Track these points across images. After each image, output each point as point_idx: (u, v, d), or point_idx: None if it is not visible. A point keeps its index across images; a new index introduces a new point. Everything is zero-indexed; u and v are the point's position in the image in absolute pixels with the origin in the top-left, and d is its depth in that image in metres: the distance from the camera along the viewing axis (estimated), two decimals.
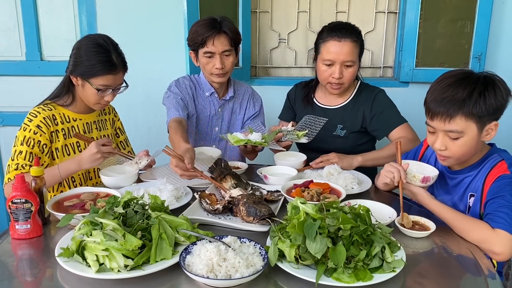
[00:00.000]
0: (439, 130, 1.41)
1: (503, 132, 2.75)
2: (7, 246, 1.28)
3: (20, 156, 1.69)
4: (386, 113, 2.04)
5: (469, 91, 1.35)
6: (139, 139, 2.43)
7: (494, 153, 1.48)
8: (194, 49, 2.07)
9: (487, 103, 1.34)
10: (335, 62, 1.96)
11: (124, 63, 1.78)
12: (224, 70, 2.04)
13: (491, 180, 1.41)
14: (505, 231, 1.27)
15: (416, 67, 2.77)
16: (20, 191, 1.29)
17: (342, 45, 1.94)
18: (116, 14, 2.76)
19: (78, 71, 1.71)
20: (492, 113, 1.37)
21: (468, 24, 2.68)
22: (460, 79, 1.39)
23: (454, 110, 1.35)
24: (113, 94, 1.79)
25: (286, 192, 1.57)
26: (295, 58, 3.05)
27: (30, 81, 2.86)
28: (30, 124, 1.72)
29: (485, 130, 1.40)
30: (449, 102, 1.36)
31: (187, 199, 1.55)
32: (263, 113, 2.32)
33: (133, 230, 1.12)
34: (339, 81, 1.99)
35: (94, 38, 1.75)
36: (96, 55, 1.68)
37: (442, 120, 1.38)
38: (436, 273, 1.15)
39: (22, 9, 2.78)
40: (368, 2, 2.93)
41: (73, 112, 1.83)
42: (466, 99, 1.34)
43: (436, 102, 1.39)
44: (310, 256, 1.06)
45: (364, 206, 1.18)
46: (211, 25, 1.98)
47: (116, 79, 1.75)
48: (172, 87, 2.12)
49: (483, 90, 1.35)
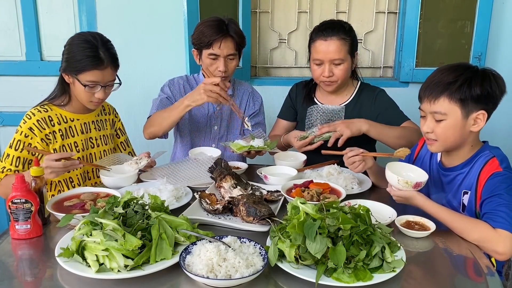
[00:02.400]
0: (427, 112, 1.48)
1: (503, 132, 2.77)
2: (7, 246, 1.28)
3: (7, 159, 1.71)
4: (390, 111, 2.05)
5: (456, 75, 1.42)
6: (139, 139, 2.42)
7: (486, 150, 1.49)
8: (198, 48, 2.06)
9: (471, 89, 1.39)
10: (323, 61, 1.99)
11: (113, 59, 1.75)
12: (226, 73, 2.05)
13: (485, 178, 1.42)
14: (507, 231, 1.27)
15: (416, 67, 2.77)
16: (20, 191, 1.29)
17: (328, 44, 1.96)
18: (116, 14, 2.76)
19: (68, 68, 1.71)
20: (476, 100, 1.40)
21: (468, 24, 2.68)
22: (453, 67, 1.47)
23: (439, 92, 1.43)
24: (104, 91, 1.75)
25: (286, 192, 1.57)
26: (295, 58, 3.05)
27: (30, 81, 2.86)
28: (24, 126, 1.72)
29: (471, 118, 1.42)
30: (436, 84, 1.44)
31: (187, 199, 1.55)
32: (263, 112, 2.31)
33: (133, 230, 1.12)
34: (330, 79, 2.01)
35: (83, 34, 1.75)
36: (83, 51, 1.67)
37: (428, 101, 1.45)
38: (436, 273, 1.15)
39: (22, 9, 2.78)
40: (368, 2, 2.93)
41: (70, 112, 1.83)
42: (452, 82, 1.41)
43: (426, 85, 1.48)
44: (310, 256, 1.06)
45: (364, 206, 1.18)
46: (219, 28, 1.98)
47: (104, 75, 1.72)
48: (164, 87, 2.15)
49: (471, 77, 1.41)
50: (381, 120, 2.04)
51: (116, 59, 1.77)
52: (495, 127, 2.37)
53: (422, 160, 1.71)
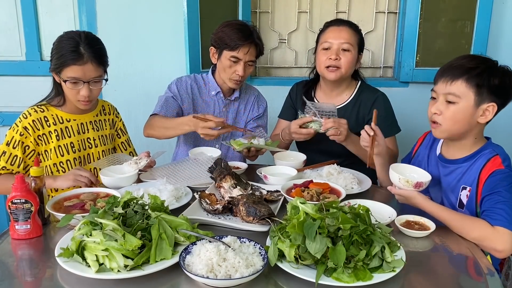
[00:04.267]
0: (440, 93, 1.48)
1: (503, 131, 2.76)
2: (7, 246, 1.28)
3: (4, 157, 1.72)
4: (381, 120, 2.04)
5: (478, 63, 1.44)
6: (139, 139, 2.43)
7: (489, 147, 1.50)
8: (218, 48, 2.06)
9: (491, 78, 1.41)
10: (332, 44, 2.02)
11: (96, 55, 1.70)
12: (243, 78, 2.07)
13: (486, 175, 1.42)
14: (505, 228, 1.28)
15: (416, 67, 2.77)
16: (20, 191, 1.29)
17: (340, 30, 2.03)
18: (116, 14, 2.76)
19: (53, 66, 1.71)
20: (492, 91, 1.42)
21: (468, 24, 2.68)
22: (475, 56, 1.51)
23: (458, 74, 1.44)
24: (88, 88, 1.71)
25: (286, 192, 1.56)
26: (295, 58, 3.05)
27: (30, 81, 2.86)
28: (19, 125, 1.73)
29: (481, 109, 1.44)
30: (456, 67, 1.45)
31: (187, 199, 1.55)
32: (266, 116, 2.32)
33: (133, 230, 1.12)
34: (335, 63, 2.01)
35: (69, 32, 1.74)
36: (65, 47, 1.67)
37: (445, 82, 1.46)
38: (435, 273, 1.15)
39: (22, 9, 2.78)
40: (368, 2, 2.93)
41: (66, 113, 1.82)
42: (473, 68, 1.43)
43: (444, 68, 1.49)
44: (310, 256, 1.06)
45: (364, 206, 1.18)
46: (247, 33, 1.99)
47: (85, 71, 1.68)
48: (171, 85, 2.15)
49: (492, 67, 1.44)
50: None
51: (101, 55, 1.74)
52: (495, 126, 2.36)
53: (420, 157, 1.71)
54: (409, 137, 2.31)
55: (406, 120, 2.45)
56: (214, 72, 2.18)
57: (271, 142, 1.93)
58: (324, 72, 2.07)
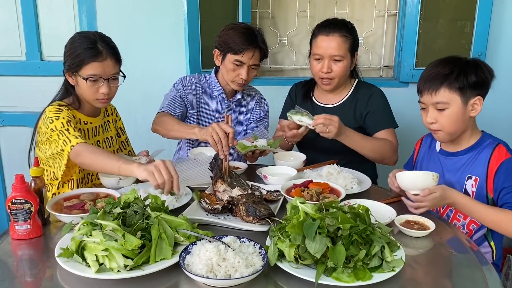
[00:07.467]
0: (428, 104, 1.56)
1: (503, 131, 2.76)
2: (7, 246, 1.28)
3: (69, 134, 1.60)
4: (379, 113, 2.05)
5: (451, 67, 1.53)
6: (139, 139, 2.43)
7: (488, 137, 1.59)
8: (222, 51, 2.05)
9: (468, 77, 1.50)
10: (323, 56, 1.99)
11: (114, 52, 1.71)
12: (246, 82, 2.06)
13: (495, 165, 1.50)
14: None
15: (416, 67, 2.77)
16: (19, 191, 1.28)
17: (330, 39, 1.98)
18: (116, 14, 2.76)
19: (69, 66, 1.69)
20: (473, 87, 1.51)
21: (468, 24, 2.68)
22: (445, 60, 1.58)
23: (438, 83, 1.52)
24: (108, 85, 1.70)
25: (286, 192, 1.56)
26: (295, 58, 3.05)
27: (30, 81, 2.87)
28: (61, 114, 1.65)
29: (470, 105, 1.53)
30: (434, 77, 1.54)
31: (187, 199, 1.55)
32: (268, 118, 2.32)
33: (133, 230, 1.12)
34: (328, 75, 2.00)
35: (83, 32, 1.75)
36: (81, 45, 1.67)
37: (429, 93, 1.54)
38: (435, 272, 1.15)
39: (22, 9, 2.79)
40: (368, 2, 2.94)
41: (84, 115, 1.80)
42: (449, 74, 1.52)
43: (424, 79, 1.57)
44: (310, 255, 1.06)
45: (364, 206, 1.18)
46: (251, 37, 1.97)
47: (105, 67, 1.68)
48: (177, 84, 2.14)
49: (465, 67, 1.52)
50: (368, 119, 2.04)
51: (117, 53, 1.75)
52: (495, 125, 2.36)
53: (422, 159, 1.75)
54: (410, 136, 2.31)
55: (406, 119, 2.45)
56: (217, 73, 2.18)
57: (273, 141, 1.92)
58: (318, 83, 2.09)
